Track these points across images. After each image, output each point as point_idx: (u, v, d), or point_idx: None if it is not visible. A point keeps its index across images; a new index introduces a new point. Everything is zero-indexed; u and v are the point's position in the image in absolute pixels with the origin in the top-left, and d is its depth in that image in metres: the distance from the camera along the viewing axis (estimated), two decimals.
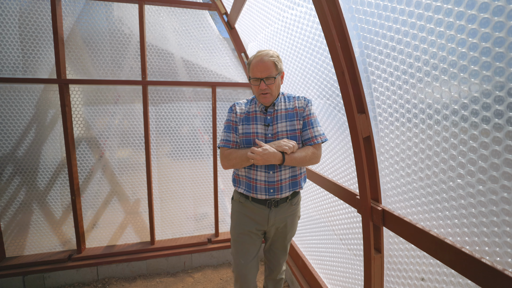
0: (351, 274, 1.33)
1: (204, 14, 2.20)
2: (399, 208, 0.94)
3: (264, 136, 1.20)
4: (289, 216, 1.29)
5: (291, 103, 1.25)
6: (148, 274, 2.17)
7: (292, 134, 1.20)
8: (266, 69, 1.14)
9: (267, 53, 1.16)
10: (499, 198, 0.61)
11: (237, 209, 1.31)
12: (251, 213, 1.26)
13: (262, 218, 1.24)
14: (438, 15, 0.67)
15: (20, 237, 2.03)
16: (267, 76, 1.14)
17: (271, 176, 1.18)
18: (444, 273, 0.79)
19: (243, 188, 1.25)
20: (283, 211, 1.25)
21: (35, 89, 1.95)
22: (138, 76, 2.10)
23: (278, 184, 1.19)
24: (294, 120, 1.21)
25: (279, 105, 1.24)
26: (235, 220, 1.30)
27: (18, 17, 1.88)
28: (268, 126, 1.21)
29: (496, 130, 0.59)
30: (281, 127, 1.20)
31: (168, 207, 2.28)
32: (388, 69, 0.86)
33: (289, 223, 1.30)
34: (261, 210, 1.23)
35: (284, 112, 1.22)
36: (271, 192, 1.19)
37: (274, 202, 1.22)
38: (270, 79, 1.15)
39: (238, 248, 1.28)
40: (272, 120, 1.21)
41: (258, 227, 1.27)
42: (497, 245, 0.64)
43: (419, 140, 0.81)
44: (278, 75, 1.18)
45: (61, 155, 2.03)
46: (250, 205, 1.25)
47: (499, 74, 0.57)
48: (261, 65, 1.14)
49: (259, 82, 1.15)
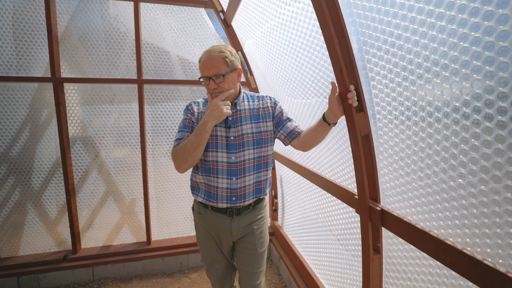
0: (349, 275, 1.31)
1: (200, 12, 2.17)
2: (399, 208, 0.92)
3: (225, 139, 1.09)
4: (254, 223, 1.18)
5: (255, 103, 1.16)
6: (144, 275, 2.14)
7: (258, 136, 1.12)
8: (213, 66, 1.02)
9: (217, 48, 1.04)
10: (502, 199, 0.59)
11: (198, 222, 1.21)
12: (212, 226, 1.16)
13: (225, 229, 1.14)
14: (439, 9, 0.65)
15: (14, 237, 2.00)
16: (215, 74, 1.02)
17: (234, 183, 1.09)
18: (444, 275, 0.77)
19: (202, 196, 1.14)
20: (247, 218, 1.16)
21: (29, 88, 1.92)
22: (134, 75, 2.08)
23: (242, 191, 1.11)
24: (260, 122, 1.13)
25: (242, 105, 1.14)
26: (199, 234, 1.23)
27: (11, 14, 1.85)
28: (229, 128, 1.10)
29: (500, 128, 0.57)
30: (246, 129, 1.11)
31: (164, 207, 2.26)
32: (387, 65, 0.84)
33: (256, 231, 1.19)
34: (222, 221, 1.13)
35: (249, 112, 1.14)
36: (233, 200, 1.10)
37: (235, 210, 1.13)
38: (219, 77, 1.03)
39: (208, 257, 1.23)
40: (234, 122, 1.11)
41: (222, 243, 1.18)
42: (499, 247, 0.61)
43: (419, 139, 0.79)
44: (231, 72, 1.06)
45: (56, 155, 2.01)
46: (211, 216, 1.15)
47: (502, 69, 0.55)
48: (208, 62, 1.03)
49: (209, 81, 1.04)
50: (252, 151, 1.12)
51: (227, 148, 1.10)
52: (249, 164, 1.12)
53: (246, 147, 1.11)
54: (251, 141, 1.12)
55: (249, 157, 1.12)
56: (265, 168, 1.17)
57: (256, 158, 1.13)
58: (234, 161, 1.10)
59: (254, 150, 1.12)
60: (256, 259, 1.21)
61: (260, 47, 1.84)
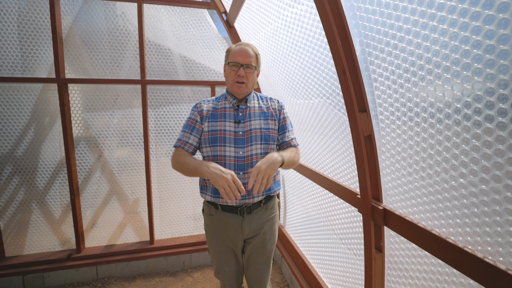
0: (351, 274, 1.32)
1: (203, 13, 2.19)
2: (401, 207, 0.93)
3: (233, 134, 1.11)
4: (266, 222, 1.19)
5: (264, 102, 1.20)
6: (147, 274, 2.16)
7: (266, 132, 1.13)
8: (248, 56, 1.09)
9: (252, 45, 1.13)
10: (502, 198, 0.60)
11: (209, 224, 1.21)
12: (223, 227, 1.16)
13: (236, 229, 1.14)
14: (441, 12, 0.66)
15: (19, 236, 2.02)
16: (248, 63, 1.08)
17: (241, 178, 1.10)
18: (446, 273, 0.79)
19: (210, 194, 1.13)
20: (258, 217, 1.16)
21: (34, 89, 1.94)
22: (137, 75, 2.09)
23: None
24: (269, 119, 1.16)
25: (252, 102, 1.17)
26: (209, 236, 1.22)
27: (17, 16, 1.87)
28: (239, 123, 1.12)
29: (500, 129, 0.59)
30: (255, 125, 1.13)
31: (167, 206, 2.28)
32: (390, 67, 0.85)
33: (267, 230, 1.19)
34: (233, 220, 1.13)
35: (258, 110, 1.16)
36: (242, 196, 1.10)
37: (246, 208, 1.13)
38: (251, 68, 1.10)
39: (219, 259, 1.22)
40: (244, 117, 1.13)
41: (233, 243, 1.18)
42: (500, 245, 0.63)
43: (420, 139, 0.80)
44: (257, 70, 1.14)
45: (60, 155, 2.02)
46: (221, 217, 1.14)
47: (503, 72, 0.56)
48: (244, 51, 1.09)
49: (239, 67, 1.09)
50: (259, 146, 1.13)
51: (235, 143, 1.11)
52: (256, 159, 1.13)
53: (254, 141, 1.13)
54: (259, 136, 1.13)
55: (256, 152, 1.13)
56: None
57: (263, 154, 1.14)
58: (241, 155, 1.11)
59: (261, 146, 1.14)
60: (266, 255, 1.23)
61: (262, 48, 1.85)
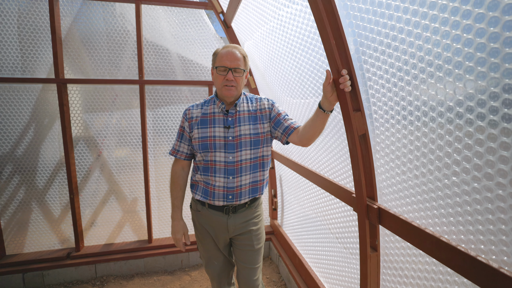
0: (347, 273, 1.32)
1: (200, 13, 2.19)
2: (395, 206, 0.93)
3: (223, 140, 1.12)
4: (251, 220, 1.21)
5: (254, 104, 1.19)
6: (145, 272, 2.17)
7: (256, 137, 1.15)
8: (236, 59, 1.08)
9: (239, 47, 1.12)
10: (494, 196, 0.60)
11: (196, 219, 1.25)
12: (209, 223, 1.19)
13: (221, 226, 1.17)
14: (432, 11, 0.66)
15: (19, 235, 2.04)
16: (236, 66, 1.07)
17: (230, 182, 1.12)
18: (440, 272, 0.78)
19: (200, 194, 1.17)
20: (243, 216, 1.19)
21: (33, 89, 1.95)
22: (136, 76, 2.10)
23: (238, 190, 1.14)
24: (257, 124, 1.16)
25: (242, 106, 1.17)
26: (197, 231, 1.26)
27: (16, 17, 1.89)
28: (228, 128, 1.13)
29: (491, 127, 0.58)
30: (244, 130, 1.14)
31: (165, 206, 2.28)
32: (384, 66, 0.85)
33: (253, 229, 1.21)
34: (219, 218, 1.16)
35: (247, 114, 1.16)
36: (230, 199, 1.13)
37: (232, 208, 1.16)
38: (239, 71, 1.09)
39: (208, 254, 1.25)
40: (233, 122, 1.14)
41: (219, 239, 1.20)
42: (492, 243, 0.63)
43: (414, 138, 0.80)
44: (245, 72, 1.13)
45: (60, 154, 2.04)
46: (207, 214, 1.18)
47: (494, 70, 0.56)
48: (232, 54, 1.08)
49: (227, 72, 1.08)
50: (249, 152, 1.14)
51: (225, 148, 1.12)
52: (246, 164, 1.14)
53: (244, 147, 1.13)
54: (248, 142, 1.14)
55: (246, 157, 1.14)
56: (261, 169, 1.19)
57: (253, 159, 1.16)
58: (231, 160, 1.12)
59: (251, 151, 1.15)
60: (253, 255, 1.24)
61: (259, 48, 1.85)
